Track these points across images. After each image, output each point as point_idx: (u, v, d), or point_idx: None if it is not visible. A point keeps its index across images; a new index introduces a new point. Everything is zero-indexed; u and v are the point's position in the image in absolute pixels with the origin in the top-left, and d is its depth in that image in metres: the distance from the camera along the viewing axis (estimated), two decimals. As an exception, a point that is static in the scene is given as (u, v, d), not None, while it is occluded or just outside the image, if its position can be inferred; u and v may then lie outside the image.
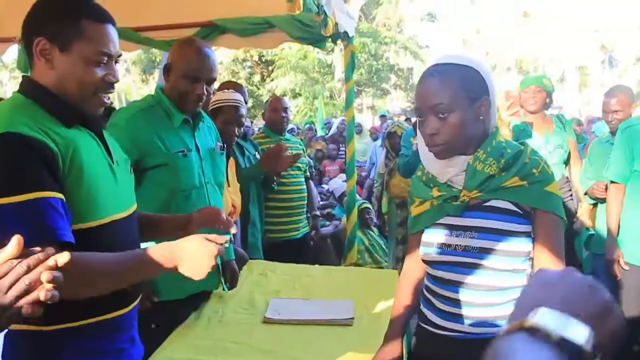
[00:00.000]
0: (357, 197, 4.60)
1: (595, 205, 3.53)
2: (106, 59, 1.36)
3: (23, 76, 1.41)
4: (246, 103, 3.26)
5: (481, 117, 1.46)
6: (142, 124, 2.09)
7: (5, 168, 1.19)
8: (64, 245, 1.17)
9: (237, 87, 3.31)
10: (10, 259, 0.83)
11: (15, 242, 0.84)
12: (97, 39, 1.34)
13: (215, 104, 2.86)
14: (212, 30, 4.14)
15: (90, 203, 1.33)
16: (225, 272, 2.46)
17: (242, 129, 3.00)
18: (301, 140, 9.21)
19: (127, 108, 2.26)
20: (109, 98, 1.43)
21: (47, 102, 1.33)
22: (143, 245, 1.56)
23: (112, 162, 1.46)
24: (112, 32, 1.39)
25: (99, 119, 1.47)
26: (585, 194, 3.52)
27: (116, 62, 1.42)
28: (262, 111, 4.19)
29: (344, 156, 5.80)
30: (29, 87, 1.36)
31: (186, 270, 1.35)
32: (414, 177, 1.68)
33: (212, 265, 1.35)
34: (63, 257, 0.87)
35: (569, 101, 24.31)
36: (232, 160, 2.97)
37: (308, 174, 3.99)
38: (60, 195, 1.24)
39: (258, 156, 3.46)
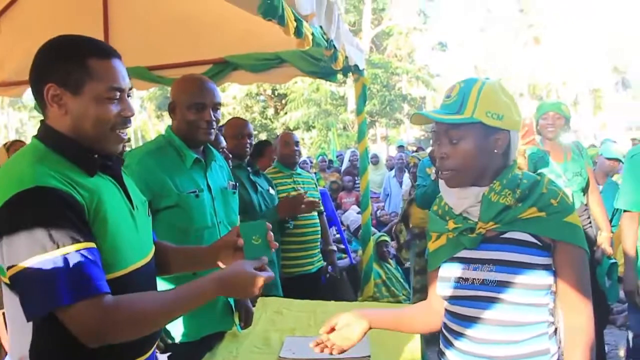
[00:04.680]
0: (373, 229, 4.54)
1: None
2: (118, 94, 1.33)
3: (41, 121, 1.37)
4: (251, 136, 3.32)
5: (496, 151, 1.43)
6: (153, 165, 2.08)
7: (41, 224, 1.17)
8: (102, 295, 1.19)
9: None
10: None
11: None
12: (106, 76, 1.31)
13: None
14: (224, 67, 4.22)
15: (114, 255, 1.30)
16: (240, 311, 2.39)
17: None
18: (315, 172, 9.23)
19: (139, 149, 2.25)
20: (126, 134, 1.40)
21: (68, 150, 1.31)
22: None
23: (133, 207, 1.43)
24: (119, 66, 1.36)
25: (119, 162, 1.45)
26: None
27: (129, 95, 1.39)
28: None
29: (359, 188, 5.75)
30: (48, 135, 1.33)
31: (238, 294, 1.43)
32: (430, 212, 1.65)
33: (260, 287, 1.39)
34: None
35: (583, 125, 24.13)
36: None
37: (321, 208, 3.96)
38: (94, 245, 1.23)
39: (272, 191, 3.45)
